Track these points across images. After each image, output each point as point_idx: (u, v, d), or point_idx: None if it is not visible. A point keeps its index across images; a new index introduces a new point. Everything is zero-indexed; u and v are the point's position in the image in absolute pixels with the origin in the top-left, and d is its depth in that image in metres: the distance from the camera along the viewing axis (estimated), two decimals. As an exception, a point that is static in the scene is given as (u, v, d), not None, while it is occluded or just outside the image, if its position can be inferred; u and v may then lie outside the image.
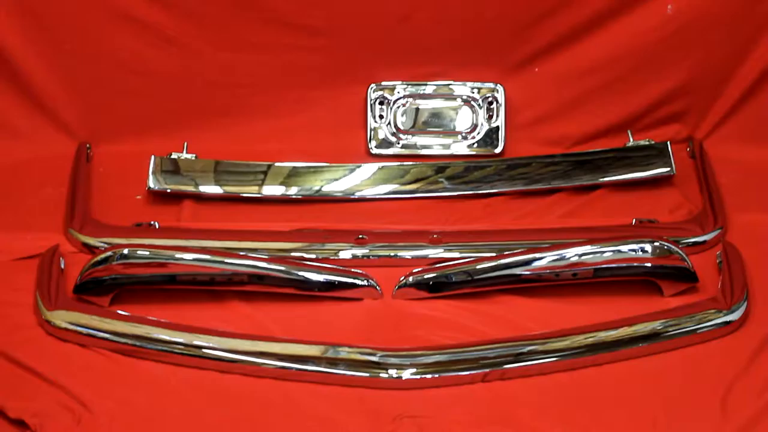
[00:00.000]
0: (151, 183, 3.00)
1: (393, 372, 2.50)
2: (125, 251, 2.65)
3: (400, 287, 2.73)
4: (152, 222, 2.91)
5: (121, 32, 3.08)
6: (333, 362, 2.51)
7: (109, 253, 2.65)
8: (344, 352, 2.53)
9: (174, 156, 3.06)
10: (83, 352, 2.55)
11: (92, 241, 2.84)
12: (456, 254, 2.83)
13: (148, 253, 2.67)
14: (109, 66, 3.12)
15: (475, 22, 3.13)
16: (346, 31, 3.13)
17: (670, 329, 2.59)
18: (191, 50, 3.13)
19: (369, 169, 3.11)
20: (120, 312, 2.63)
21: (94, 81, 3.13)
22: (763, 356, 2.54)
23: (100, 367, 2.52)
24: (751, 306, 2.66)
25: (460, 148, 3.18)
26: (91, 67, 3.12)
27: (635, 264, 2.70)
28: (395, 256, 2.84)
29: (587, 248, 2.70)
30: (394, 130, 3.17)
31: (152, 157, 3.03)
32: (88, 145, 3.14)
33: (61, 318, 2.58)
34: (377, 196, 3.07)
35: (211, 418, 2.42)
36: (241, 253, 2.73)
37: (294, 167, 3.08)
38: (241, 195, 3.05)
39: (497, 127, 3.17)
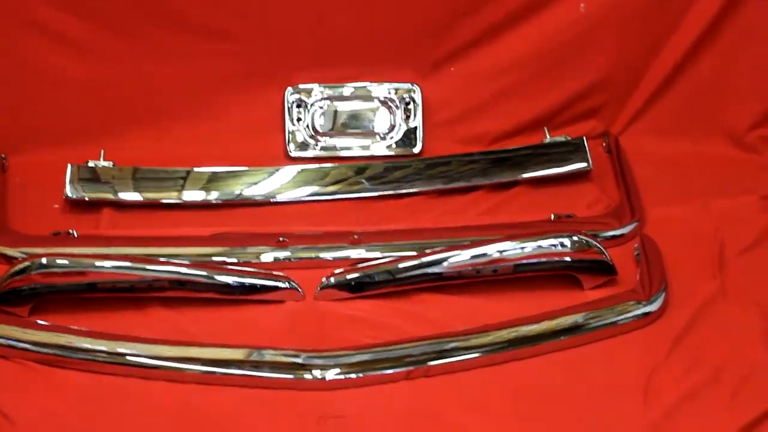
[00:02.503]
0: (69, 191, 2.96)
1: (317, 373, 2.50)
2: (43, 260, 2.63)
3: (322, 288, 2.73)
4: (70, 230, 2.88)
5: (34, 41, 3.04)
6: (257, 365, 2.51)
7: (27, 263, 2.62)
8: (268, 355, 2.53)
9: (91, 164, 3.03)
10: (4, 363, 2.52)
11: (10, 251, 2.81)
12: (377, 254, 2.83)
13: (66, 261, 2.64)
14: (22, 75, 3.08)
15: (390, 23, 3.14)
16: (261, 34, 3.12)
17: (591, 321, 2.62)
18: (106, 58, 3.09)
19: (288, 172, 3.10)
20: (40, 322, 2.60)
21: (7, 90, 3.08)
22: (682, 345, 2.58)
23: (21, 377, 2.49)
24: (669, 297, 2.70)
25: (379, 148, 3.18)
26: (3, 76, 3.07)
27: (555, 258, 2.73)
28: (317, 257, 2.85)
29: (507, 244, 2.72)
30: (313, 133, 3.17)
31: (69, 165, 2.99)
32: (3, 155, 3.09)
33: (-20, 330, 2.56)
34: (297, 199, 3.06)
35: (136, 425, 2.41)
36: (162, 259, 2.71)
37: (213, 172, 3.07)
38: (160, 201, 3.02)
39: (415, 127, 3.18)
